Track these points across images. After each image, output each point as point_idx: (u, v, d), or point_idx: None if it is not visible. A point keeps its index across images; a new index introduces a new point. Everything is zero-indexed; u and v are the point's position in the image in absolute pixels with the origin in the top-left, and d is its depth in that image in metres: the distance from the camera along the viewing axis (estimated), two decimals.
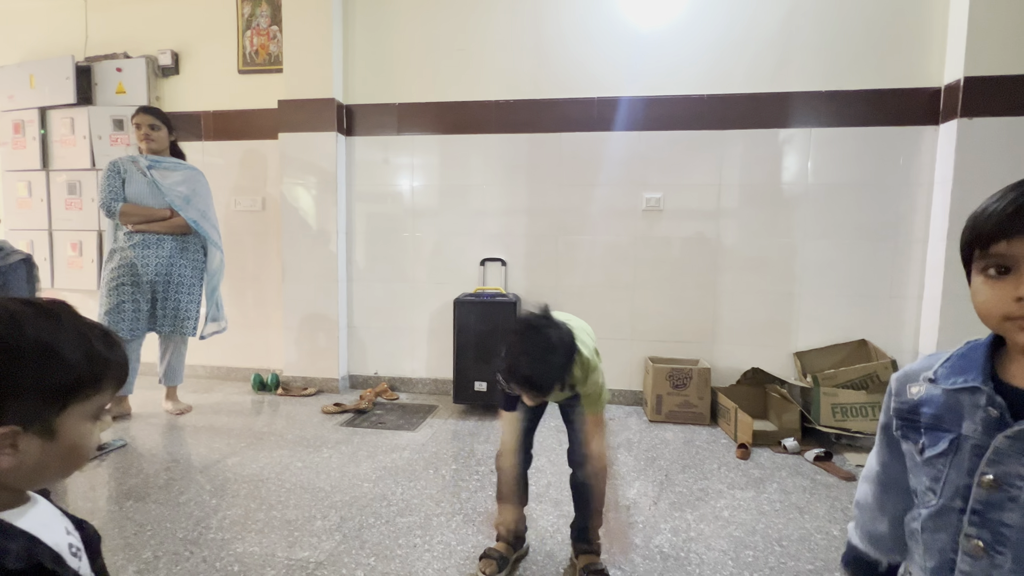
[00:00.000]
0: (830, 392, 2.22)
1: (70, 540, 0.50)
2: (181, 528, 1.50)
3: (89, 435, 0.51)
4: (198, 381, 3.05)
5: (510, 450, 1.33)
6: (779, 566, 1.37)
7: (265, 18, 2.93)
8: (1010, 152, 2.24)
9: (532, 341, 1.10)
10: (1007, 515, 0.52)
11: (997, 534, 0.53)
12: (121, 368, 0.52)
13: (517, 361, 1.10)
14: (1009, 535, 0.52)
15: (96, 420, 0.52)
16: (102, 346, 0.50)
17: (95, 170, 3.10)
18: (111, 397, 0.53)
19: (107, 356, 0.50)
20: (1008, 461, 0.53)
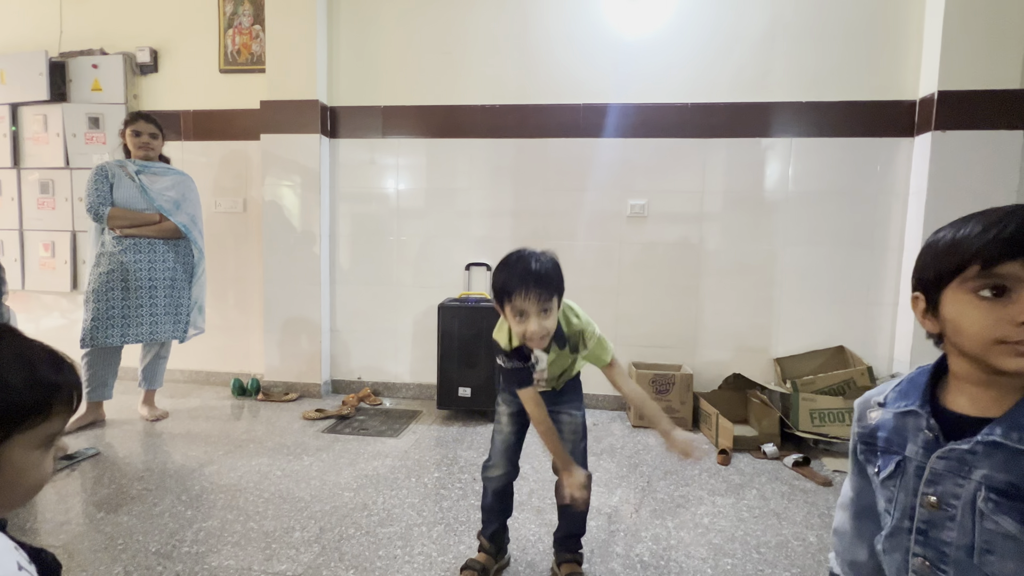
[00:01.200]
0: (809, 398, 2.26)
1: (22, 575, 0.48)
2: (154, 541, 1.46)
3: (38, 465, 0.49)
4: (176, 386, 2.99)
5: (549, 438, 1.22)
6: (756, 573, 1.39)
7: (247, 17, 2.88)
8: (981, 165, 2.31)
9: (522, 252, 1.17)
10: (947, 533, 0.54)
11: (939, 552, 0.55)
12: (72, 392, 0.50)
13: (514, 266, 1.13)
14: (950, 553, 0.54)
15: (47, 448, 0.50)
16: (49, 370, 0.48)
17: (69, 169, 3.02)
18: (62, 424, 0.50)
19: (54, 380, 0.48)
20: (944, 481, 0.54)
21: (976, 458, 0.52)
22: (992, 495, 0.51)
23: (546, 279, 1.13)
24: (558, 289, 1.16)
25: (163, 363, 2.50)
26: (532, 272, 1.12)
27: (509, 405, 1.36)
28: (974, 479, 0.52)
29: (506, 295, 1.14)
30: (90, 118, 2.97)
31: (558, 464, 1.24)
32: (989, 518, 0.51)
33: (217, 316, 2.98)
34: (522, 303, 1.13)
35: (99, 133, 2.97)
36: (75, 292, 3.07)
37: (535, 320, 1.13)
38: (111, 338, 2.24)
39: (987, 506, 0.51)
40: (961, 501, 0.53)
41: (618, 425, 2.53)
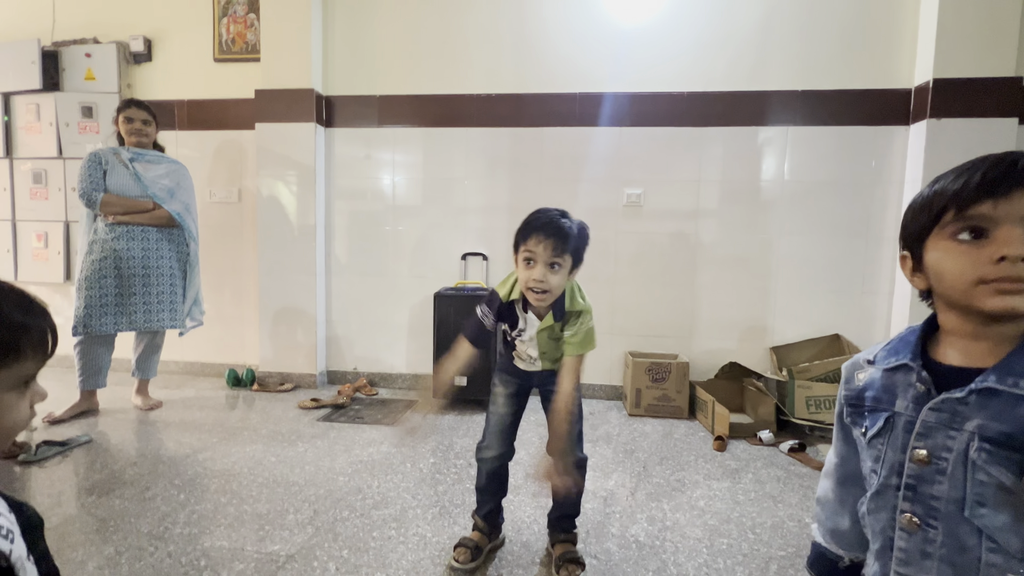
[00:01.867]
0: (804, 385, 2.26)
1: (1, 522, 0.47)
2: (146, 523, 1.45)
3: (12, 407, 0.48)
4: (170, 377, 2.97)
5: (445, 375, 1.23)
6: (752, 552, 1.38)
7: (242, 5, 2.87)
8: (976, 152, 2.26)
9: (554, 209, 1.17)
10: (936, 488, 0.53)
11: (929, 508, 0.53)
12: (44, 334, 0.49)
13: (541, 214, 1.14)
14: (940, 508, 0.53)
15: (22, 390, 0.49)
16: (16, 312, 0.47)
17: (62, 158, 3.00)
18: (36, 366, 0.49)
19: (23, 321, 0.47)
20: (935, 434, 0.53)
21: (969, 408, 0.51)
22: (986, 445, 0.50)
23: (566, 234, 1.13)
24: (575, 250, 1.15)
25: (157, 353, 2.49)
26: (555, 223, 1.13)
27: (506, 386, 1.35)
28: (967, 430, 0.51)
29: (523, 237, 1.14)
30: (83, 107, 2.95)
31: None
32: (982, 469, 0.50)
33: (212, 307, 2.96)
34: (534, 247, 1.12)
35: (92, 122, 2.95)
36: (68, 283, 3.04)
37: (540, 269, 1.12)
38: (104, 326, 2.22)
39: (980, 456, 0.50)
40: (953, 454, 0.52)
41: (615, 413, 2.52)
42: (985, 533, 0.50)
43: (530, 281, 1.13)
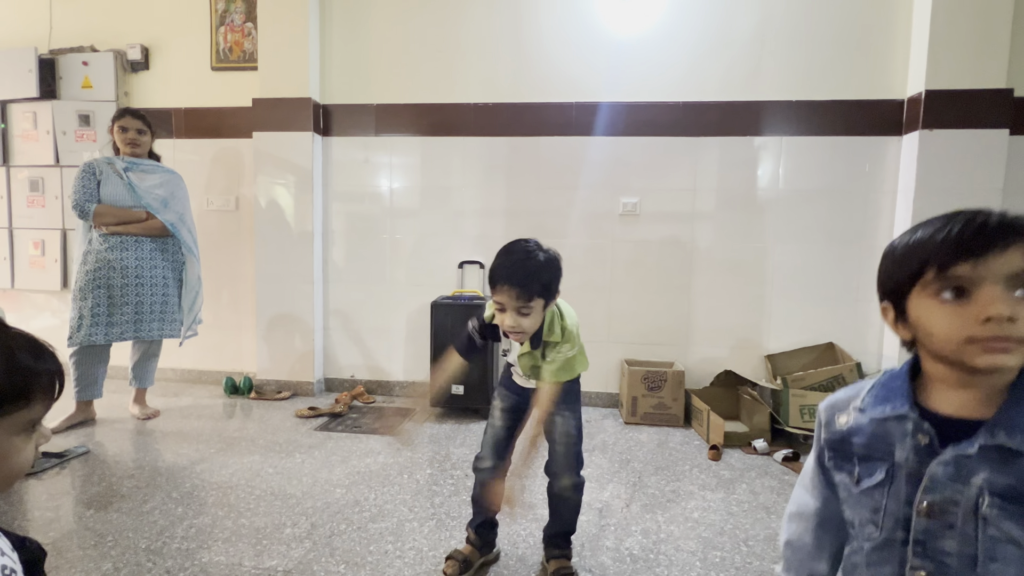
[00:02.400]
0: (799, 394, 2.28)
1: (4, 562, 0.48)
2: (144, 538, 1.46)
3: (20, 450, 0.49)
4: (167, 385, 2.97)
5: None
6: (745, 566, 1.40)
7: (239, 14, 2.88)
8: (967, 163, 2.34)
9: (521, 245, 1.17)
10: (947, 543, 0.53)
11: (940, 564, 0.53)
12: (53, 379, 0.50)
13: (507, 257, 1.15)
14: (951, 563, 0.53)
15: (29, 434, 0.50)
16: (28, 357, 0.48)
17: (59, 167, 3.00)
18: (44, 410, 0.51)
19: (34, 367, 0.48)
20: (943, 488, 0.53)
21: (973, 462, 0.51)
22: (997, 500, 0.50)
23: (531, 279, 1.12)
24: (544, 292, 1.15)
25: (154, 362, 2.49)
26: (520, 270, 1.12)
27: (503, 400, 1.37)
28: (975, 484, 0.51)
29: (492, 285, 1.17)
30: (80, 115, 2.95)
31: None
32: (993, 525, 0.50)
33: (209, 315, 2.96)
34: (503, 297, 1.14)
35: (90, 131, 2.96)
36: (65, 291, 3.04)
37: (511, 316, 1.14)
38: (95, 336, 2.22)
39: (991, 512, 0.50)
40: (961, 508, 0.52)
41: (610, 422, 2.54)
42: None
43: (504, 326, 1.17)
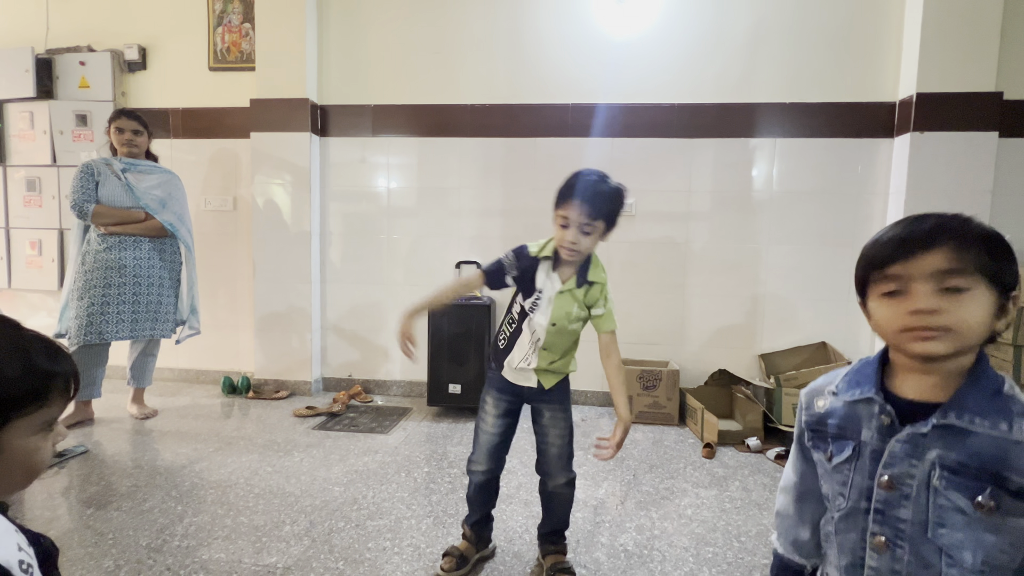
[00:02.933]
0: (791, 392, 2.31)
1: (21, 557, 0.50)
2: (144, 536, 1.47)
3: (38, 449, 0.51)
4: (165, 384, 2.98)
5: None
6: (736, 561, 1.43)
7: (237, 15, 2.88)
8: (957, 165, 2.37)
9: (596, 172, 1.22)
10: (902, 512, 0.59)
11: (896, 530, 0.59)
12: (69, 380, 0.52)
13: (582, 178, 1.19)
14: (906, 530, 0.59)
15: (46, 433, 0.52)
16: (45, 360, 0.50)
17: (56, 166, 3.00)
18: (60, 410, 0.52)
19: (51, 369, 0.50)
20: (900, 463, 0.59)
21: (928, 440, 0.57)
22: (945, 473, 0.56)
23: (603, 199, 1.18)
24: (608, 216, 1.20)
25: (152, 361, 2.50)
26: (594, 188, 1.18)
27: (497, 405, 1.35)
28: (928, 459, 0.57)
29: (561, 200, 1.20)
30: (77, 115, 2.95)
31: None
32: (942, 495, 0.56)
33: (207, 314, 2.97)
34: (571, 211, 1.17)
35: (87, 130, 2.96)
36: (62, 291, 3.04)
37: (573, 231, 1.18)
38: (96, 336, 2.23)
39: (940, 484, 0.56)
40: (916, 481, 0.57)
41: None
42: (944, 551, 0.56)
43: (564, 242, 1.20)
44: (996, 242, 0.55)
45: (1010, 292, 0.56)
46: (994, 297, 0.55)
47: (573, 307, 1.26)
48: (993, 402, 0.55)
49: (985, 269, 0.54)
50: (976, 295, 0.55)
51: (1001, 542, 0.54)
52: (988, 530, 0.54)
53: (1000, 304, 0.56)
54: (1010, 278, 0.55)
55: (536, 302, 1.26)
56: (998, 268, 0.55)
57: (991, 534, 0.54)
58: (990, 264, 0.55)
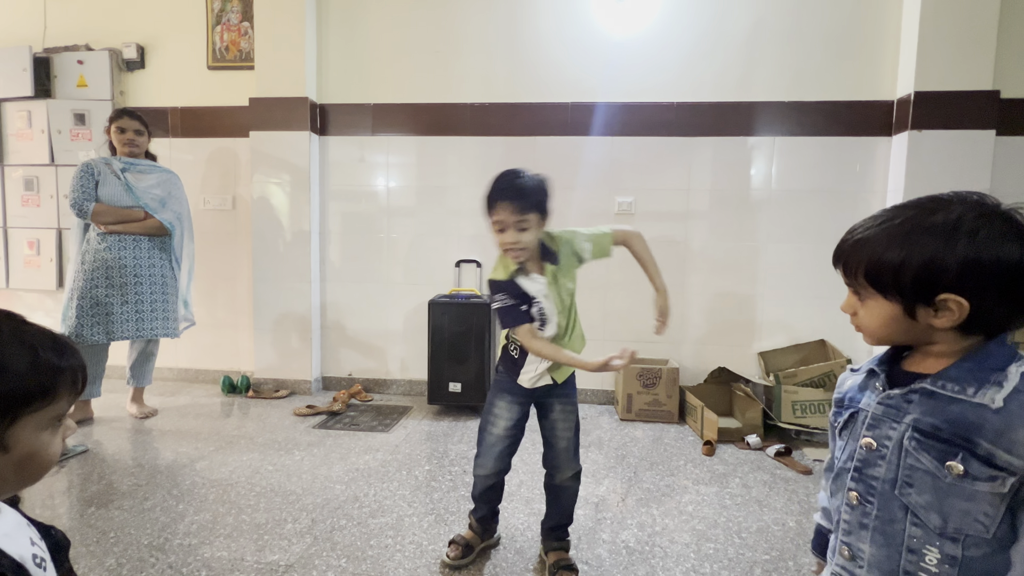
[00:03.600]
0: (791, 390, 2.32)
1: (34, 551, 0.50)
2: (146, 534, 1.47)
3: (48, 445, 0.51)
4: (164, 384, 2.97)
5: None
6: (737, 556, 1.44)
7: (236, 14, 2.88)
8: (954, 163, 2.39)
9: (510, 169, 1.22)
10: (877, 470, 0.62)
11: (869, 486, 0.63)
12: (76, 375, 0.52)
13: (499, 180, 1.20)
14: (878, 487, 0.62)
15: (55, 428, 0.52)
16: (52, 355, 0.49)
17: (54, 166, 2.99)
18: (69, 405, 0.52)
19: (58, 364, 0.50)
20: (882, 425, 0.62)
21: (911, 405, 0.60)
22: (916, 435, 0.58)
23: (524, 192, 1.18)
24: (537, 205, 1.20)
25: (152, 360, 2.50)
26: (512, 185, 1.19)
27: (510, 410, 1.33)
28: (905, 422, 0.60)
29: (489, 207, 1.20)
30: (75, 114, 2.94)
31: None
32: (912, 455, 0.59)
33: (206, 314, 2.97)
34: (501, 214, 1.18)
35: (85, 129, 2.95)
36: (60, 290, 3.04)
37: (511, 233, 1.18)
38: (96, 336, 2.23)
39: (911, 444, 0.59)
40: (892, 441, 0.61)
41: (606, 419, 2.57)
42: (910, 509, 0.59)
43: (507, 245, 1.20)
44: (873, 267, 0.59)
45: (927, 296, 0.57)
46: (893, 304, 0.59)
47: (566, 283, 1.28)
48: (977, 374, 0.57)
49: (874, 286, 0.60)
50: (870, 304, 0.62)
51: (975, 510, 0.55)
52: (961, 496, 0.55)
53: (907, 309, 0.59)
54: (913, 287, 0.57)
55: (541, 308, 1.26)
56: (883, 286, 0.59)
57: (964, 500, 0.55)
58: (872, 283, 0.60)
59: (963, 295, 0.55)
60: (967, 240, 0.54)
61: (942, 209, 0.56)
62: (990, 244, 0.53)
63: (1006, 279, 0.54)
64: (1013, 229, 0.54)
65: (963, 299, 0.55)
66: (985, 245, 0.54)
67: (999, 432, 0.54)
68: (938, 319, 0.57)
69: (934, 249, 0.55)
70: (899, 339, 0.63)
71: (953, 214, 0.55)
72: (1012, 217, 0.55)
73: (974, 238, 0.54)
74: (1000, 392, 0.55)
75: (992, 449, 0.54)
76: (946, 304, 0.56)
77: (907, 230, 0.57)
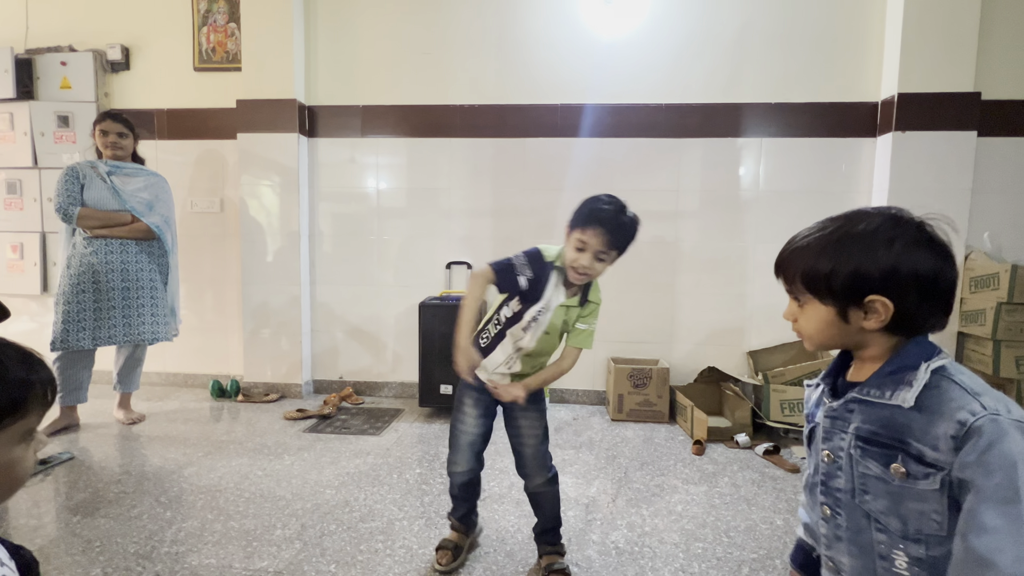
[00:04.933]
0: (779, 389, 2.35)
1: (3, 571, 0.50)
2: (132, 543, 1.46)
3: (19, 460, 0.50)
4: (152, 388, 2.94)
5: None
6: (726, 556, 1.45)
7: (222, 15, 2.85)
8: (937, 163, 2.42)
9: (620, 201, 1.22)
10: (839, 481, 0.64)
11: (835, 499, 0.65)
12: (46, 388, 0.51)
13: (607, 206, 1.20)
14: (842, 499, 0.64)
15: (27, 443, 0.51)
16: (19, 368, 0.49)
17: (37, 168, 2.94)
18: (39, 419, 0.52)
19: (28, 378, 0.49)
20: (833, 437, 0.65)
21: (852, 415, 0.63)
22: (860, 443, 0.61)
23: (622, 233, 1.20)
24: (622, 248, 1.23)
25: (139, 366, 2.47)
26: (617, 222, 1.20)
27: (477, 405, 1.35)
28: (849, 431, 0.62)
29: (582, 223, 1.19)
30: (59, 116, 2.90)
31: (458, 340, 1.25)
32: (859, 462, 0.61)
33: (195, 317, 2.94)
34: (591, 237, 1.18)
35: (69, 132, 2.91)
36: (45, 295, 3.00)
37: (588, 256, 1.19)
38: (82, 341, 2.20)
39: (856, 452, 0.61)
40: (844, 452, 0.63)
41: (597, 419, 2.58)
42: (872, 516, 0.61)
43: (577, 265, 1.21)
44: (809, 273, 0.63)
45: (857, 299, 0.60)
46: (827, 308, 0.62)
47: (570, 318, 1.30)
48: (894, 376, 0.60)
49: (810, 290, 0.63)
50: (808, 309, 0.65)
51: (928, 509, 0.56)
52: (912, 498, 0.57)
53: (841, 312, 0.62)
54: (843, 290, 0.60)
55: (540, 312, 1.26)
56: (818, 290, 0.63)
57: (916, 502, 0.57)
58: (809, 287, 0.63)
59: (887, 296, 0.58)
60: (885, 248, 0.58)
61: (864, 220, 0.60)
62: (905, 251, 0.58)
63: (923, 282, 0.58)
64: (924, 237, 0.59)
65: (888, 300, 0.58)
66: (901, 252, 0.58)
67: (923, 430, 0.56)
68: (868, 320, 0.60)
69: (860, 255, 0.59)
70: (835, 343, 0.65)
71: (873, 224, 0.60)
72: (923, 226, 0.59)
73: (891, 246, 0.58)
74: (910, 391, 0.58)
75: (920, 447, 0.56)
76: (874, 306, 0.59)
77: (836, 239, 0.61)
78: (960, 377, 0.57)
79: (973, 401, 0.54)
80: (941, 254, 0.59)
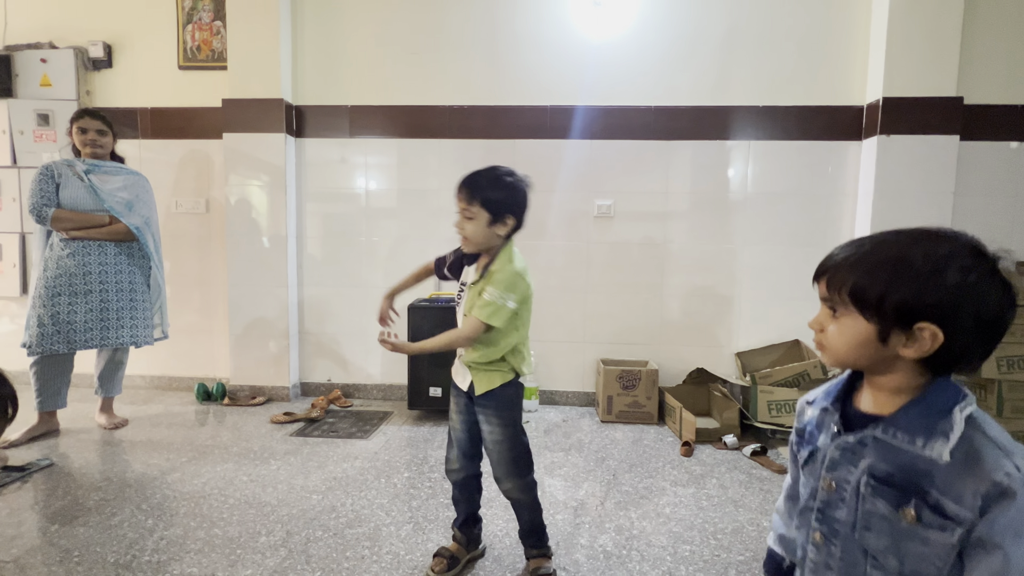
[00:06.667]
0: (766, 390, 2.36)
1: None
2: (112, 552, 1.43)
3: None
4: (136, 392, 2.89)
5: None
6: (713, 558, 1.45)
7: (208, 12, 2.81)
8: (921, 167, 2.46)
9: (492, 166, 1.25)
10: (838, 512, 0.63)
11: (832, 528, 0.64)
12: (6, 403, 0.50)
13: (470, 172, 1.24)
14: (840, 529, 0.63)
15: None
16: None
17: (16, 167, 2.88)
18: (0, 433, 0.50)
19: None
20: (840, 468, 0.63)
21: (865, 449, 0.61)
22: (872, 481, 0.60)
23: (478, 185, 1.21)
24: (488, 204, 1.20)
25: (121, 369, 2.42)
26: (473, 176, 1.22)
27: (455, 402, 1.37)
28: (861, 467, 0.61)
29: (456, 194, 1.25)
30: (39, 115, 2.84)
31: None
32: (868, 500, 0.60)
33: (180, 319, 2.90)
34: (457, 203, 1.24)
35: (49, 130, 2.85)
36: (25, 297, 2.93)
37: (458, 218, 1.24)
38: (56, 346, 2.14)
39: (867, 490, 0.60)
40: (851, 485, 0.62)
41: (587, 421, 2.58)
42: (869, 553, 0.60)
43: (457, 231, 1.26)
44: (860, 287, 0.59)
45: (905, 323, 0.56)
46: (868, 325, 0.58)
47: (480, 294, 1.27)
48: (925, 421, 0.57)
49: (856, 304, 0.59)
50: (843, 321, 0.61)
51: (930, 554, 0.56)
52: (916, 540, 0.57)
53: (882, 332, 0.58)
54: (896, 311, 0.56)
55: (460, 294, 1.32)
56: (865, 306, 0.59)
57: (919, 545, 0.56)
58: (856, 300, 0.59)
59: (941, 327, 0.55)
60: (958, 276, 0.54)
61: (937, 242, 0.57)
62: (977, 285, 0.54)
63: (982, 321, 0.55)
64: (999, 275, 0.56)
65: (939, 330, 0.55)
66: (972, 285, 0.54)
67: (948, 483, 0.55)
68: (907, 348, 0.57)
69: (925, 278, 0.55)
70: (861, 363, 0.62)
71: (946, 248, 0.56)
72: (998, 262, 0.56)
73: (964, 276, 0.54)
74: (947, 445, 0.55)
75: (940, 499, 0.55)
76: (922, 334, 0.56)
77: (900, 255, 0.57)
78: (992, 431, 0.56)
79: (1008, 461, 0.53)
80: (1008, 297, 0.55)
